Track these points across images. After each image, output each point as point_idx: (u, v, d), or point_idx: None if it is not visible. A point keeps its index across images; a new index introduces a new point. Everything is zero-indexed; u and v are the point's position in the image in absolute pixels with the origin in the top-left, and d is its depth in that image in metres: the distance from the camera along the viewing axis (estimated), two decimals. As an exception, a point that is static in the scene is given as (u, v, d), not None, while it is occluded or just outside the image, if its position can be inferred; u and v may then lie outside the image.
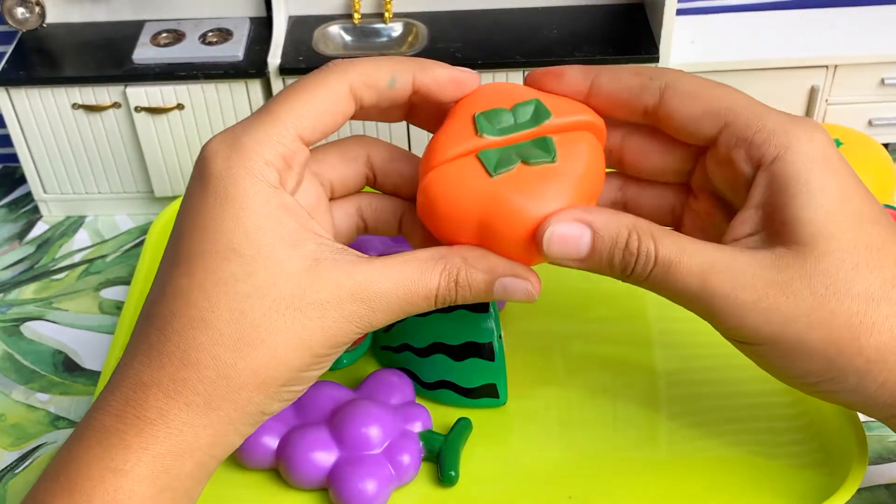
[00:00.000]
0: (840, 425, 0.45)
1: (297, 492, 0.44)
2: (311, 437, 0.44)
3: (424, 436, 0.45)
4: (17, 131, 0.59)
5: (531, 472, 0.45)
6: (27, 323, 0.56)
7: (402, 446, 0.44)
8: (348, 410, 0.44)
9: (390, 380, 0.47)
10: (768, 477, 0.44)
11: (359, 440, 0.44)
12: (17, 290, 0.58)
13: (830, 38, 0.60)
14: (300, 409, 0.46)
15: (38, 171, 0.61)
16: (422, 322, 0.47)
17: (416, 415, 0.46)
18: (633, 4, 0.61)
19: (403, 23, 0.60)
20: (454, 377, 0.47)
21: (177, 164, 0.60)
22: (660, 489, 0.44)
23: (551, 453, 0.46)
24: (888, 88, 0.60)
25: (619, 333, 0.52)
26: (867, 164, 0.56)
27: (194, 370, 0.34)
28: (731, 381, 0.49)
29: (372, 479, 0.42)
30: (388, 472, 0.43)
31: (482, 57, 0.57)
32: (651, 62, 0.57)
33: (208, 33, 0.59)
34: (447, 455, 0.44)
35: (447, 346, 0.47)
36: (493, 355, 0.46)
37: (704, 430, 0.47)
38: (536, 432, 0.47)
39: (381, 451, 0.44)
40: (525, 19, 0.60)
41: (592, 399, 0.48)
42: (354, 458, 0.43)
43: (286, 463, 0.44)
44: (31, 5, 0.59)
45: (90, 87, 0.57)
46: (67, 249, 0.61)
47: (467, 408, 0.47)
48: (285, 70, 0.56)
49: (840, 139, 0.57)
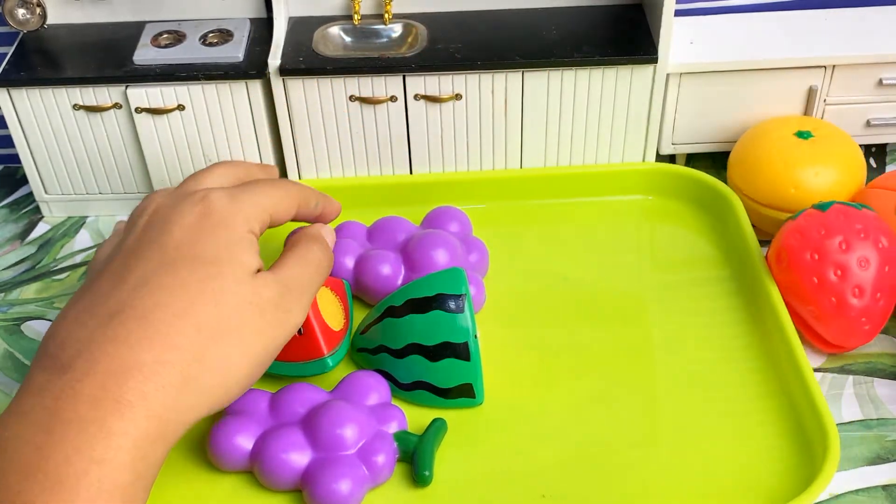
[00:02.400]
0: (818, 424, 0.45)
1: (272, 493, 0.44)
2: (285, 439, 0.44)
3: (399, 436, 0.45)
4: (18, 132, 0.59)
5: (506, 471, 0.45)
6: (28, 322, 0.56)
7: (376, 447, 0.44)
8: (323, 411, 0.44)
9: (366, 381, 0.47)
10: (747, 476, 0.45)
11: (333, 441, 0.44)
12: (18, 289, 0.58)
13: (829, 39, 0.60)
14: (275, 410, 0.46)
15: (39, 172, 0.61)
16: (398, 323, 0.47)
17: (392, 415, 0.46)
18: (632, 5, 0.61)
19: (403, 23, 0.60)
20: (430, 378, 0.47)
21: (177, 164, 0.60)
22: (635, 488, 0.45)
23: (527, 453, 0.46)
24: (886, 88, 0.60)
25: (595, 335, 0.52)
26: (837, 156, 0.57)
27: (178, 353, 0.37)
28: (711, 384, 0.49)
29: (346, 480, 0.43)
30: (363, 472, 0.43)
31: (482, 57, 0.57)
32: (650, 63, 0.57)
33: (209, 34, 0.59)
34: (421, 455, 0.44)
35: (423, 347, 0.47)
36: (469, 355, 0.46)
37: (681, 431, 0.47)
38: (512, 432, 0.47)
39: (355, 451, 0.44)
40: (524, 20, 0.60)
41: (569, 400, 0.49)
42: (328, 459, 0.43)
43: (260, 464, 0.44)
44: (32, 6, 0.59)
45: (91, 88, 0.57)
46: (69, 250, 0.61)
47: (444, 408, 0.48)
48: (285, 71, 0.57)
49: (811, 132, 0.57)
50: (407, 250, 0.53)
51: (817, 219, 0.50)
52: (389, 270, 0.53)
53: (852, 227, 0.49)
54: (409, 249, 0.53)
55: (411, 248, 0.53)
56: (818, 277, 0.49)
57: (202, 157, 0.60)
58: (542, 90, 0.58)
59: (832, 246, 0.49)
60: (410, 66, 0.56)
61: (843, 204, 0.51)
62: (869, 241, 0.49)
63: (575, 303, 0.54)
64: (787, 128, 0.58)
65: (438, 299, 0.47)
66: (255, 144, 0.60)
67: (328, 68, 0.57)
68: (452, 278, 0.48)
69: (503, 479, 0.45)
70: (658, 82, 0.58)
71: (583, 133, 0.60)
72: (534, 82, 0.57)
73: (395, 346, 0.48)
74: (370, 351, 0.49)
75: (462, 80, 0.57)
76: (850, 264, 0.48)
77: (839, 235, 0.49)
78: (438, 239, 0.53)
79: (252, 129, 0.59)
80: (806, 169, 0.56)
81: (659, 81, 0.58)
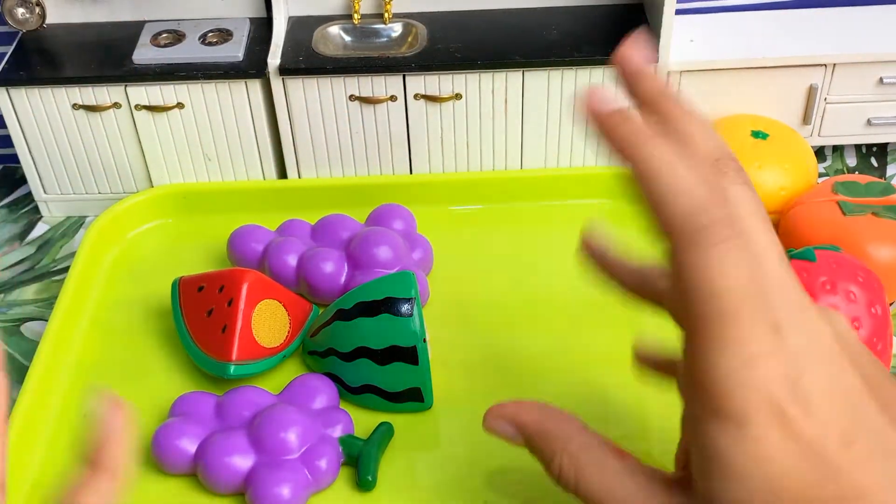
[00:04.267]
0: None
1: (215, 497, 0.44)
2: (228, 442, 0.44)
3: (344, 440, 0.45)
4: (17, 132, 0.59)
5: (450, 477, 0.45)
6: (28, 323, 0.56)
7: (320, 451, 0.44)
8: (267, 415, 0.44)
9: (313, 384, 0.47)
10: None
11: (276, 445, 0.43)
12: (17, 290, 0.58)
13: (829, 38, 0.60)
14: (221, 413, 0.46)
15: (38, 172, 0.61)
16: (347, 326, 0.47)
17: (337, 419, 0.46)
18: (633, 4, 0.61)
19: (403, 23, 0.60)
20: (379, 381, 0.47)
21: (177, 164, 0.60)
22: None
23: (472, 459, 0.46)
24: (886, 87, 0.60)
25: (546, 341, 0.51)
26: (791, 156, 0.57)
27: None
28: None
29: (287, 484, 0.42)
30: (305, 476, 0.43)
31: (481, 57, 0.57)
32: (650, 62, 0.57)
33: (208, 34, 0.59)
34: (365, 460, 0.44)
35: (372, 351, 0.46)
36: (417, 359, 0.46)
37: (633, 439, 0.46)
38: (459, 438, 0.47)
39: (298, 455, 0.44)
40: (525, 19, 0.60)
41: None
42: (271, 463, 0.43)
43: (203, 467, 0.44)
44: (32, 6, 0.59)
45: (90, 88, 0.57)
46: (68, 250, 0.61)
47: (393, 413, 0.47)
48: (285, 70, 0.56)
49: (765, 131, 0.57)
50: (350, 248, 0.53)
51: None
52: (332, 268, 0.52)
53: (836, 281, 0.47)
54: (353, 247, 0.53)
55: (354, 246, 0.53)
56: None
57: (202, 158, 0.60)
58: (542, 90, 0.58)
59: None
60: (410, 65, 0.56)
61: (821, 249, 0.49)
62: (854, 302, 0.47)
63: (531, 307, 0.53)
64: (742, 128, 0.58)
65: (387, 303, 0.46)
66: (255, 144, 0.60)
67: (328, 68, 0.57)
68: (402, 282, 0.47)
69: (447, 485, 0.45)
70: (658, 82, 0.58)
71: (583, 133, 0.60)
72: (534, 82, 0.57)
73: (343, 349, 0.47)
74: (320, 354, 0.49)
75: (462, 80, 0.57)
76: None
77: None
78: (382, 236, 0.53)
79: (252, 129, 0.59)
80: (763, 169, 0.56)
81: (659, 81, 0.58)
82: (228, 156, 0.60)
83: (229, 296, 0.48)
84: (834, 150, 0.66)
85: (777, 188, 0.56)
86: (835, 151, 0.66)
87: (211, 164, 0.60)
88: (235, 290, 0.48)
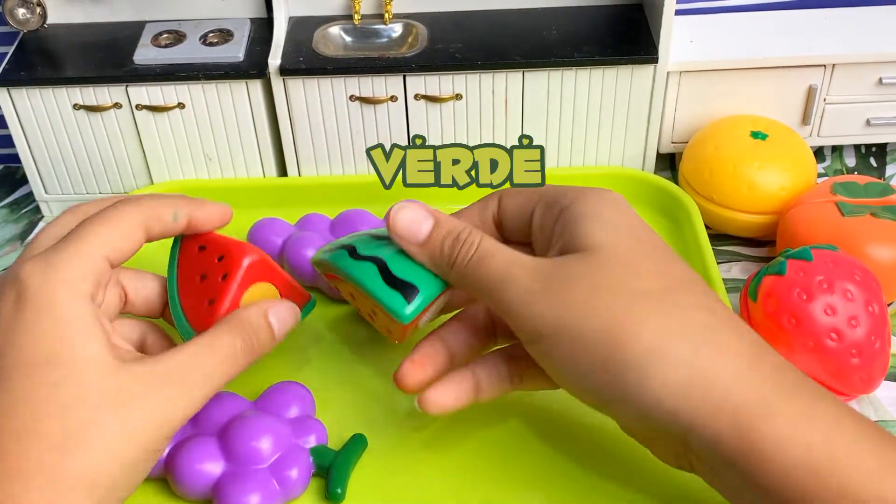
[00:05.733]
0: None
1: (184, 502, 0.44)
2: (199, 449, 0.44)
3: (316, 451, 0.44)
4: (18, 132, 0.59)
5: (421, 491, 0.44)
6: (29, 323, 0.56)
7: (290, 461, 0.43)
8: (239, 423, 0.44)
9: (289, 392, 0.47)
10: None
11: (246, 454, 0.43)
12: (18, 290, 0.58)
13: (828, 38, 0.60)
14: (194, 419, 0.45)
15: (39, 172, 0.61)
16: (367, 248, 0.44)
17: (311, 429, 0.45)
18: (632, 4, 0.61)
19: (403, 23, 0.60)
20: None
21: (178, 164, 0.60)
22: None
23: (446, 473, 0.45)
24: (886, 88, 0.60)
25: None
26: (790, 156, 0.57)
27: (22, 481, 0.34)
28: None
29: (255, 494, 0.42)
30: (273, 487, 0.43)
31: (482, 57, 0.57)
32: (650, 62, 0.57)
33: (209, 34, 0.59)
34: (336, 471, 0.44)
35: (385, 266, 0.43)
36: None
37: (614, 444, 0.45)
38: (433, 452, 0.46)
39: (267, 465, 0.43)
40: (525, 20, 0.60)
41: (492, 419, 0.47)
42: (240, 472, 0.43)
43: (173, 473, 0.44)
44: (33, 6, 0.59)
45: (91, 88, 0.57)
46: (69, 249, 0.61)
47: (377, 300, 0.42)
48: (285, 70, 0.57)
49: (765, 132, 0.57)
50: None
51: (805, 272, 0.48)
52: None
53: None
54: None
55: None
56: (814, 342, 0.47)
57: (203, 158, 0.60)
58: (542, 90, 0.58)
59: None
60: (410, 65, 0.57)
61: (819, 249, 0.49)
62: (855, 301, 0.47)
63: None
64: (741, 128, 0.58)
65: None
66: (256, 144, 0.60)
67: (328, 68, 0.57)
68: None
69: (416, 498, 0.44)
70: (658, 82, 0.58)
71: (583, 133, 0.60)
72: (534, 82, 0.57)
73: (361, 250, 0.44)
74: (330, 250, 0.46)
75: (462, 80, 0.57)
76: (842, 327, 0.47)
77: None
78: None
79: (252, 129, 0.59)
80: (762, 170, 0.56)
81: (659, 81, 0.58)
82: (229, 156, 0.60)
83: (226, 269, 0.44)
84: (833, 151, 0.66)
85: (776, 188, 0.56)
86: (834, 152, 0.66)
87: (212, 165, 0.61)
88: (234, 265, 0.44)
